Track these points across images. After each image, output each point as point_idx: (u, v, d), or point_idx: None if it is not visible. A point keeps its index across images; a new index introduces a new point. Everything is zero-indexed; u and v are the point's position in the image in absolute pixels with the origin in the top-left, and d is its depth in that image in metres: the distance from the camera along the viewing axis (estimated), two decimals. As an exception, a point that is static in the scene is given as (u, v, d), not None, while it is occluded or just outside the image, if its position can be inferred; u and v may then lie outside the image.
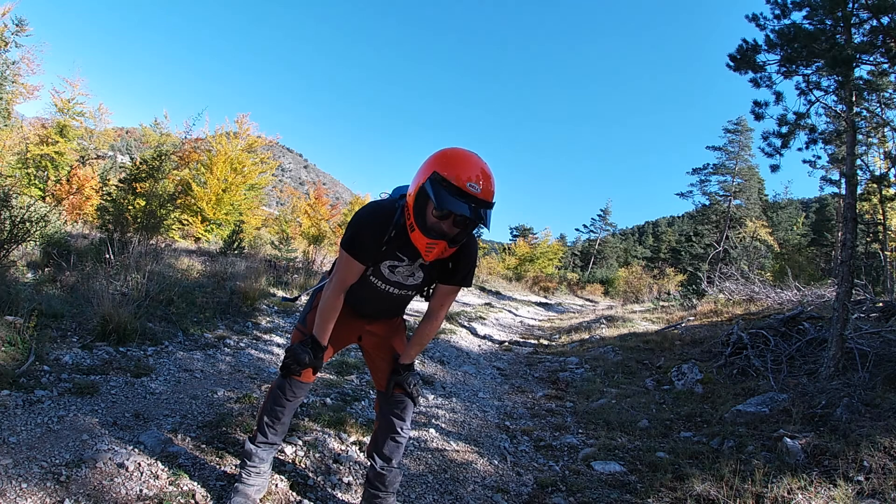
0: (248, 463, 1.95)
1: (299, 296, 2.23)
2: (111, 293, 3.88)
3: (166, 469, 2.08)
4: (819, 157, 5.51)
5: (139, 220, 7.38)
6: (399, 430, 1.91)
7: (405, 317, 2.15)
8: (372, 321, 1.94)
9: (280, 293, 6.73)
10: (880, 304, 6.27)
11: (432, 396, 4.07)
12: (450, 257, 1.71)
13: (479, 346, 7.08)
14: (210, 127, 18.67)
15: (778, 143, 5.08)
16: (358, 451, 2.64)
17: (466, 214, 1.46)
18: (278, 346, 4.62)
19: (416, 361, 5.00)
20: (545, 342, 8.17)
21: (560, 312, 14.90)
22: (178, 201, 9.98)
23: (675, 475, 2.72)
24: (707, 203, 26.62)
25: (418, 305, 6.10)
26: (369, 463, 1.99)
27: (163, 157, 8.66)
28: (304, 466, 2.36)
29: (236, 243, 9.70)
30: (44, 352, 2.99)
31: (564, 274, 31.26)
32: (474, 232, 1.70)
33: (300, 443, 2.54)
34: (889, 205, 10.30)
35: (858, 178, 4.77)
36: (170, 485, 1.98)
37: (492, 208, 1.54)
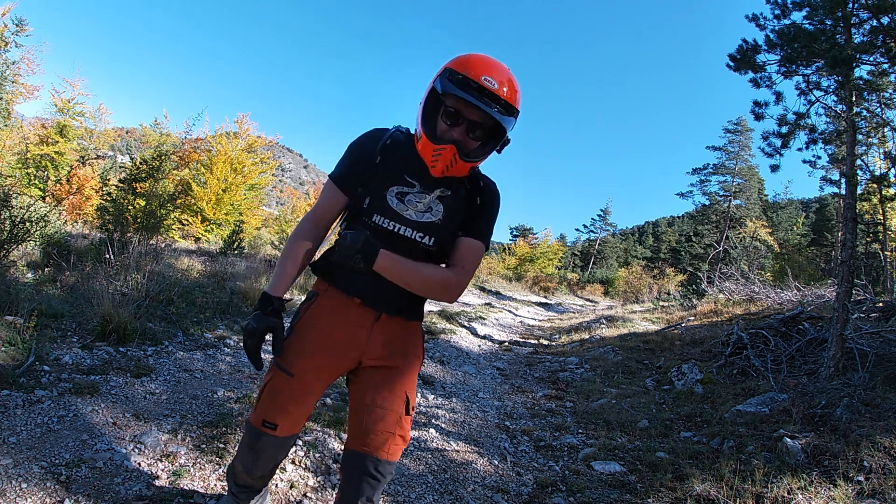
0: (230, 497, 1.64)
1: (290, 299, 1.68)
2: (111, 293, 3.88)
3: (166, 469, 2.08)
4: (819, 157, 5.53)
5: (139, 220, 7.38)
6: None
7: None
8: (381, 318, 1.38)
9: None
10: (880, 304, 6.27)
11: (432, 396, 4.07)
12: (477, 193, 1.40)
13: (479, 346, 7.07)
14: (210, 127, 18.70)
15: (778, 143, 5.09)
16: (358, 451, 2.64)
17: (474, 102, 1.20)
18: (278, 346, 4.62)
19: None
20: (545, 342, 8.18)
21: (560, 312, 14.90)
22: (178, 201, 9.97)
23: (675, 475, 2.72)
24: (707, 203, 26.69)
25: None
26: None
27: (163, 157, 8.65)
28: (304, 466, 2.36)
29: (236, 243, 9.70)
30: (44, 352, 2.99)
31: (564, 274, 31.29)
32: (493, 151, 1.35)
33: (300, 443, 2.54)
34: (889, 205, 10.31)
35: (858, 178, 4.77)
36: (170, 485, 1.98)
37: (513, 117, 1.27)
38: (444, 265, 1.41)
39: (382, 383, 1.36)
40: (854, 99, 4.59)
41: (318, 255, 1.45)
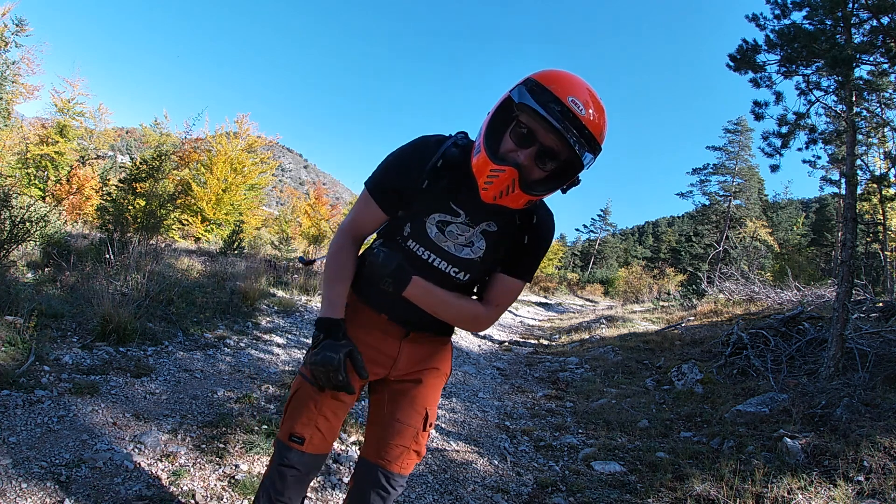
0: None
1: (315, 260, 1.54)
2: (111, 293, 3.88)
3: (166, 469, 2.08)
4: (819, 157, 5.54)
5: (139, 220, 7.38)
6: None
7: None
8: (410, 335, 1.34)
9: (280, 293, 6.73)
10: (880, 304, 6.28)
11: (432, 396, 4.08)
12: (526, 231, 1.24)
13: (479, 346, 7.08)
14: (210, 127, 18.76)
15: (778, 143, 5.10)
16: (357, 451, 2.64)
17: (554, 123, 1.01)
18: (278, 346, 4.62)
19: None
20: (545, 342, 8.18)
21: (560, 312, 14.90)
22: (178, 201, 9.97)
23: (675, 475, 2.72)
24: (707, 203, 26.70)
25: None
26: None
27: (163, 157, 8.65)
28: (304, 466, 2.36)
29: (236, 243, 9.70)
30: (44, 352, 2.99)
31: (564, 274, 31.30)
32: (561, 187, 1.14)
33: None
34: (889, 205, 10.32)
35: (858, 178, 4.78)
36: (170, 485, 1.98)
37: (595, 153, 1.07)
38: (475, 297, 1.35)
39: (403, 397, 1.34)
40: (854, 99, 4.59)
41: None
